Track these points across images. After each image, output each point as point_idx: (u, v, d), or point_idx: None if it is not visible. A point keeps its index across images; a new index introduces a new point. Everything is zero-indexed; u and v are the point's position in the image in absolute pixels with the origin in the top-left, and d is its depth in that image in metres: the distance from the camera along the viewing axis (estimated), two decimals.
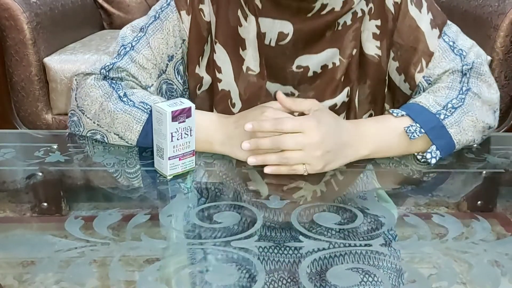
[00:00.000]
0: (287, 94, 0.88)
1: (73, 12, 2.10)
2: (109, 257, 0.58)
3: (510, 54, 1.68)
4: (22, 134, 1.17)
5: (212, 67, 0.91)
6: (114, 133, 0.84)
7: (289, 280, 0.55)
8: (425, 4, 0.89)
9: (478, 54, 0.89)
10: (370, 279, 0.55)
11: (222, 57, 0.90)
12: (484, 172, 0.82)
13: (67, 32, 2.04)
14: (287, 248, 0.60)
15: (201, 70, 0.93)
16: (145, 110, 0.83)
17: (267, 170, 0.77)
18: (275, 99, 0.83)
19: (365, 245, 0.61)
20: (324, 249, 0.60)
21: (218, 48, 0.90)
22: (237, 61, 0.89)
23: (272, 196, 0.72)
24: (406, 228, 0.66)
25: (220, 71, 0.90)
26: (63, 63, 1.85)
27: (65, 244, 0.60)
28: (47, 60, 1.85)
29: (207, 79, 0.93)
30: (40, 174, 0.79)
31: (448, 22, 0.91)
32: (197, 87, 0.93)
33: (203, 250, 0.60)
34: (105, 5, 2.41)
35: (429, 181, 0.79)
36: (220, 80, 0.91)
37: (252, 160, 0.77)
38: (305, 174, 0.76)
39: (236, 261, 0.58)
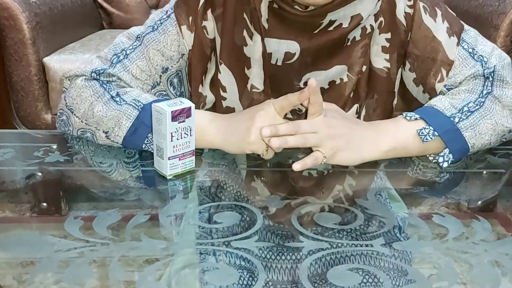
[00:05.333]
0: (294, 111, 0.88)
1: (72, 11, 2.10)
2: (109, 257, 0.58)
3: (511, 54, 1.67)
4: (21, 134, 1.16)
5: (216, 86, 0.91)
6: (103, 131, 0.83)
7: (289, 281, 0.55)
8: (439, 13, 0.87)
9: (501, 58, 0.87)
10: (370, 280, 0.55)
11: (227, 78, 0.89)
12: (484, 172, 0.82)
13: (66, 31, 2.04)
14: (287, 248, 0.60)
15: (204, 89, 0.92)
16: (137, 107, 0.82)
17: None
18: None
19: (366, 245, 0.61)
20: (324, 249, 0.60)
21: (223, 68, 0.89)
22: (242, 80, 0.89)
23: (272, 196, 0.72)
24: (406, 228, 0.66)
25: (225, 91, 0.90)
26: (62, 62, 1.85)
27: (65, 244, 0.60)
28: (46, 60, 1.84)
29: (210, 98, 0.92)
30: (40, 174, 0.79)
31: (466, 27, 0.89)
32: (200, 105, 0.93)
33: (203, 250, 0.60)
34: (105, 4, 2.41)
35: (439, 182, 0.79)
36: (224, 98, 0.90)
37: (275, 142, 0.75)
38: (324, 161, 0.76)
39: (236, 261, 0.57)
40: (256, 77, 0.88)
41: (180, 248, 0.60)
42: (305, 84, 0.86)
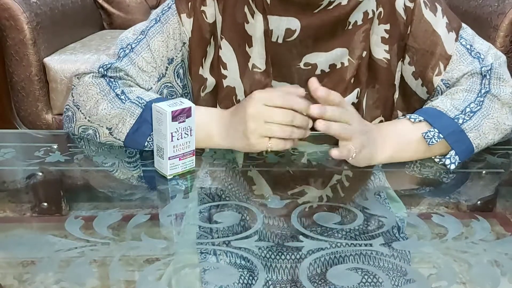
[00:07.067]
0: None
1: (73, 12, 2.10)
2: (109, 257, 0.58)
3: (510, 54, 1.67)
4: (22, 134, 1.17)
5: (217, 65, 0.91)
6: (107, 127, 0.84)
7: (289, 280, 0.55)
8: (439, 8, 0.88)
9: (497, 56, 0.89)
10: (370, 279, 0.55)
11: (227, 53, 0.90)
12: (484, 172, 0.82)
13: (67, 32, 2.04)
14: (287, 248, 0.60)
15: (204, 72, 0.92)
16: (140, 105, 0.82)
17: (334, 153, 0.76)
18: None
19: (365, 245, 0.61)
20: (324, 249, 0.60)
21: (224, 44, 0.89)
22: (243, 58, 0.89)
23: (272, 196, 0.72)
24: (406, 228, 0.66)
25: (225, 68, 0.90)
26: (63, 63, 1.85)
27: (65, 244, 0.60)
28: (47, 60, 1.85)
29: (210, 81, 0.93)
30: (40, 174, 0.79)
31: (464, 25, 0.90)
32: (201, 89, 0.93)
33: (203, 249, 0.60)
34: (105, 5, 2.41)
35: (438, 182, 0.79)
36: (225, 77, 0.91)
37: (320, 125, 0.74)
38: (353, 156, 0.77)
39: (236, 261, 0.58)
40: (257, 57, 0.88)
41: (180, 248, 0.61)
42: (305, 65, 0.87)
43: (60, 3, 2.00)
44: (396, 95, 0.94)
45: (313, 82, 0.76)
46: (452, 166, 0.80)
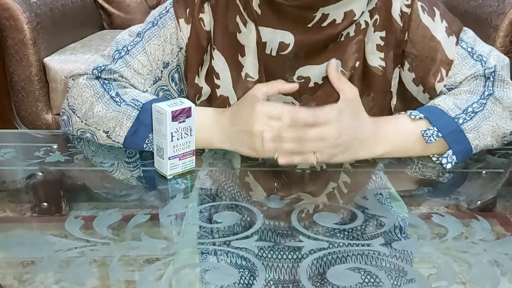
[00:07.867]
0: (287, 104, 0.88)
1: (73, 12, 2.10)
2: (109, 257, 0.58)
3: (510, 54, 1.67)
4: (22, 134, 1.17)
5: (211, 75, 0.91)
6: (104, 131, 0.84)
7: (289, 280, 0.55)
8: (438, 12, 0.87)
9: (500, 58, 0.88)
10: (370, 279, 0.55)
11: (220, 64, 0.89)
12: (483, 172, 0.82)
13: (67, 32, 2.04)
14: (287, 248, 0.60)
15: (200, 80, 0.92)
16: (136, 107, 0.82)
17: (281, 161, 0.77)
18: None
19: (365, 245, 0.61)
20: (324, 249, 0.60)
21: (216, 54, 0.89)
22: (236, 67, 0.89)
23: (272, 196, 0.72)
24: (406, 227, 0.66)
25: (218, 78, 0.90)
26: (63, 63, 1.85)
27: (65, 244, 0.60)
28: (47, 60, 1.85)
29: (206, 89, 0.92)
30: (40, 174, 0.79)
31: (464, 28, 0.89)
32: (196, 96, 0.93)
33: (203, 250, 0.60)
34: (105, 5, 2.41)
35: (438, 182, 0.79)
36: (218, 86, 0.90)
37: (269, 145, 0.76)
38: (315, 163, 0.77)
39: (236, 261, 0.58)
40: (250, 66, 0.88)
41: (180, 248, 0.61)
42: (299, 78, 0.87)
43: (60, 3, 2.00)
44: (394, 102, 0.93)
45: (331, 66, 0.81)
46: (449, 166, 0.80)
